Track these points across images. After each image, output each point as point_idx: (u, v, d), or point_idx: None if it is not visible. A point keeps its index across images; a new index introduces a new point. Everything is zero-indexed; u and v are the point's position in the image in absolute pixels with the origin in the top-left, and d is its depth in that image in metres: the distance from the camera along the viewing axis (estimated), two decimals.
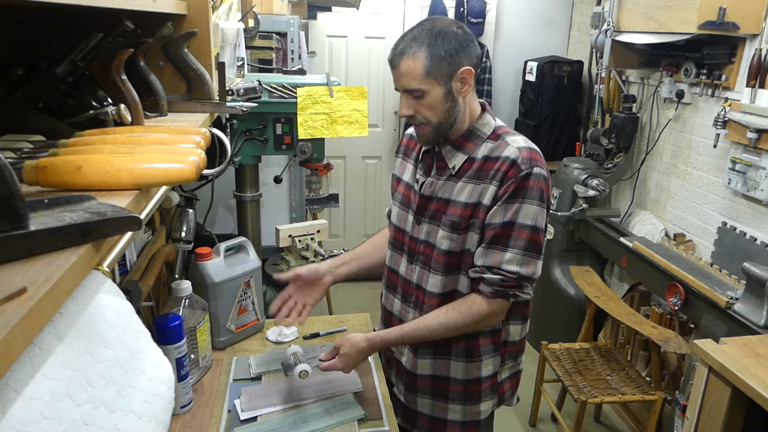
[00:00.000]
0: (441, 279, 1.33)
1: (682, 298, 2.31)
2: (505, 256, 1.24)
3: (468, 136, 1.30)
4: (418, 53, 1.19)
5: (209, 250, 1.59)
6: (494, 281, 1.25)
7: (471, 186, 1.27)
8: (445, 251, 1.31)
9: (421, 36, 1.19)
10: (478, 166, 1.27)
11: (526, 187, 1.21)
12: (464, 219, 1.27)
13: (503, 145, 1.26)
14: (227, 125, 1.61)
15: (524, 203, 1.22)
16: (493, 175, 1.24)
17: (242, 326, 1.67)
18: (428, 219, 1.33)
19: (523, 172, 1.21)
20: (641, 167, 3.18)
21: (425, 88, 1.21)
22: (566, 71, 3.69)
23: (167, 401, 0.91)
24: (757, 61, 2.31)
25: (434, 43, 1.18)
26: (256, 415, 1.35)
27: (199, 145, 0.81)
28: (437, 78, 1.20)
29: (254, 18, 1.87)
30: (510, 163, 1.22)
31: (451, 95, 1.23)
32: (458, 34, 1.21)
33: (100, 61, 0.85)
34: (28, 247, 0.49)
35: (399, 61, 1.21)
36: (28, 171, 0.63)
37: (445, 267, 1.32)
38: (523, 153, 1.23)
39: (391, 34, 3.98)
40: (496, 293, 1.26)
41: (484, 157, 1.27)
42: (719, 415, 1.70)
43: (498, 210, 1.23)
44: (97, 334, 0.69)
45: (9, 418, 0.50)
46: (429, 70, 1.19)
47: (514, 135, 1.30)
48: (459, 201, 1.28)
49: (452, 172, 1.30)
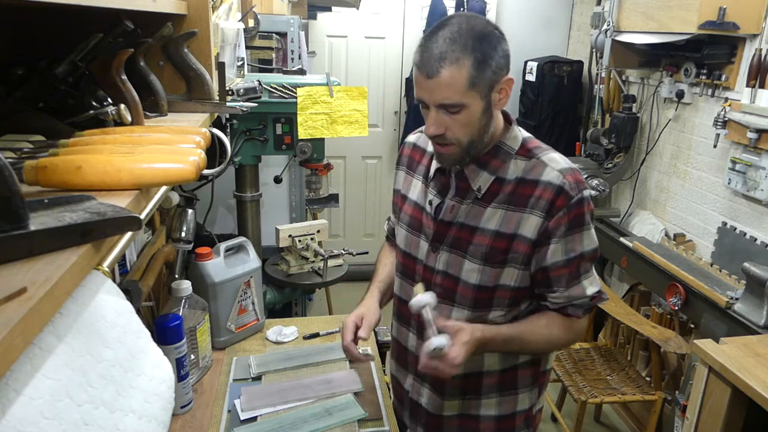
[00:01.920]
0: (467, 314, 1.16)
1: (682, 298, 2.31)
2: (584, 284, 1.14)
3: (494, 153, 1.12)
4: (462, 60, 0.98)
5: (209, 250, 1.59)
6: (584, 304, 1.16)
7: (503, 212, 1.10)
8: (474, 285, 1.14)
9: (462, 38, 0.99)
10: (510, 190, 1.10)
11: (580, 215, 1.08)
12: (498, 251, 1.11)
13: (540, 166, 1.09)
14: (227, 125, 1.61)
15: (583, 231, 1.10)
16: (534, 204, 1.08)
17: (242, 326, 1.67)
18: (448, 247, 1.16)
19: (573, 199, 1.06)
20: (641, 167, 3.18)
21: (466, 102, 1.01)
22: (566, 71, 3.69)
23: (167, 401, 0.91)
24: (757, 61, 2.31)
25: (479, 47, 0.99)
26: (256, 415, 1.35)
27: (199, 145, 0.81)
28: (479, 90, 1.01)
29: (254, 18, 1.87)
30: (556, 190, 1.06)
31: (489, 110, 1.05)
32: (498, 36, 1.03)
33: (100, 61, 0.85)
34: (28, 247, 0.49)
35: (439, 68, 0.99)
36: (28, 171, 0.63)
37: (473, 302, 1.15)
38: (568, 177, 1.07)
39: (391, 34, 3.98)
40: (586, 311, 1.18)
41: (518, 179, 1.10)
42: (719, 415, 1.69)
43: (559, 247, 1.09)
44: (97, 334, 0.69)
45: (9, 418, 0.50)
46: (474, 81, 0.99)
47: (548, 151, 1.13)
48: (488, 229, 1.11)
49: (478, 195, 1.12)
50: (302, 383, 1.46)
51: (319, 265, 2.07)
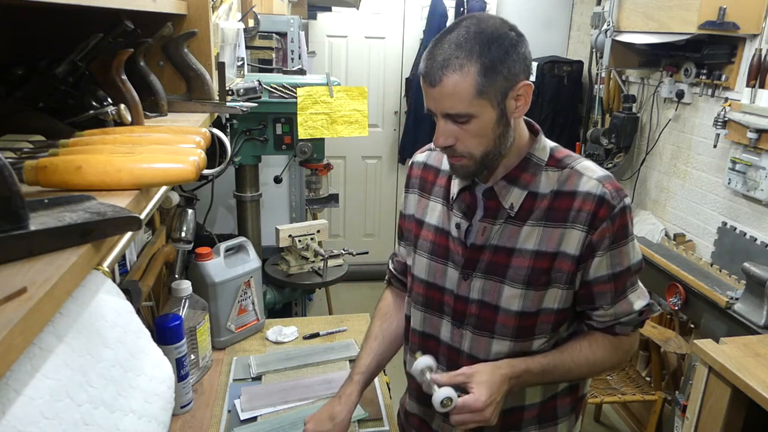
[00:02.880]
0: (509, 345, 1.06)
1: (682, 298, 2.31)
2: (631, 299, 1.06)
3: (524, 166, 1.03)
4: (467, 66, 0.91)
5: (209, 250, 1.59)
6: (633, 321, 1.08)
7: (541, 230, 1.01)
8: (517, 313, 1.04)
9: (468, 41, 0.92)
10: (547, 205, 1.01)
11: (624, 225, 1.01)
12: (541, 272, 1.02)
13: (575, 176, 1.02)
14: (227, 125, 1.61)
15: (629, 242, 1.02)
16: (575, 217, 1.00)
17: (242, 326, 1.67)
18: (483, 273, 1.06)
19: (616, 209, 0.99)
20: (641, 167, 3.18)
21: (475, 112, 0.94)
22: (566, 71, 3.69)
23: (167, 401, 0.91)
24: (757, 61, 2.31)
25: (487, 52, 0.91)
26: (256, 415, 1.35)
27: (199, 145, 0.80)
28: (490, 98, 0.93)
29: (254, 18, 1.87)
30: (597, 201, 0.99)
31: (504, 118, 0.97)
32: (512, 38, 0.95)
33: (100, 61, 0.85)
34: (28, 247, 0.49)
35: (441, 76, 0.92)
36: (28, 171, 0.63)
37: (516, 331, 1.05)
38: (607, 185, 1.00)
39: (391, 34, 3.98)
40: (636, 327, 1.10)
41: (554, 192, 1.02)
42: (719, 415, 1.70)
43: (603, 261, 1.01)
44: (97, 334, 0.69)
45: (9, 418, 0.50)
46: (482, 88, 0.92)
47: (580, 160, 1.05)
48: (527, 249, 1.02)
49: (511, 213, 1.03)
50: (302, 383, 1.46)
51: (319, 265, 2.07)
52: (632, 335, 1.11)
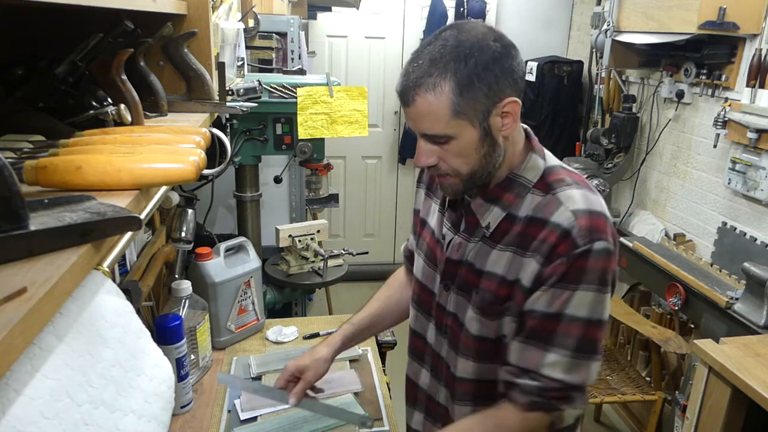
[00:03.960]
0: (474, 366, 1.02)
1: (682, 298, 2.31)
2: (548, 357, 0.92)
3: (507, 186, 0.96)
4: (441, 84, 0.84)
5: (209, 250, 1.59)
6: (531, 389, 0.93)
7: (510, 255, 0.94)
8: (475, 336, 1.00)
9: (444, 56, 0.84)
10: (520, 230, 0.93)
11: (583, 269, 0.88)
12: (498, 300, 0.95)
13: (553, 204, 0.91)
14: (227, 125, 1.61)
15: (578, 291, 0.89)
16: (537, 247, 0.91)
17: (242, 326, 1.67)
18: (457, 288, 1.02)
19: (579, 249, 0.87)
20: (641, 167, 3.18)
21: (453, 133, 0.87)
22: (566, 71, 3.69)
23: (167, 401, 0.91)
24: (757, 61, 2.31)
25: (463, 68, 0.84)
26: (256, 415, 1.35)
27: (199, 145, 0.81)
28: (470, 117, 0.86)
29: (254, 18, 1.87)
30: (562, 234, 0.89)
31: (489, 137, 0.89)
32: (496, 50, 0.86)
33: (100, 61, 0.85)
34: (28, 247, 0.49)
35: (414, 96, 0.86)
36: (28, 171, 0.63)
37: (476, 354, 1.01)
38: (581, 220, 0.88)
39: (391, 34, 3.98)
40: (534, 405, 0.94)
41: (528, 218, 0.93)
42: (719, 415, 1.70)
43: (543, 296, 0.91)
44: (97, 334, 0.69)
45: (9, 418, 0.50)
46: (458, 108, 0.85)
47: (569, 187, 0.93)
48: (495, 274, 0.95)
49: (486, 233, 0.97)
50: None
51: (319, 265, 2.07)
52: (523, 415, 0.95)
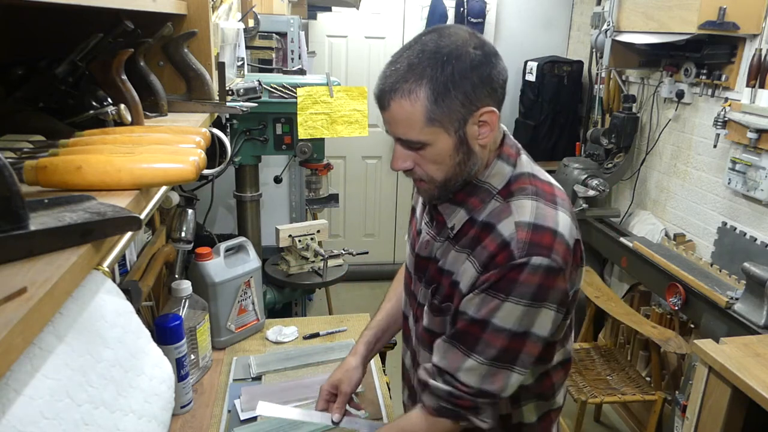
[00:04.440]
0: (426, 358, 1.04)
1: (682, 298, 2.31)
2: (467, 362, 0.92)
3: (472, 191, 0.95)
4: (416, 91, 0.83)
5: (209, 250, 1.59)
6: (441, 393, 0.94)
7: (464, 257, 0.95)
8: (425, 328, 1.03)
9: (422, 62, 0.84)
10: (474, 234, 0.94)
11: (515, 281, 0.87)
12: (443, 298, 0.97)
13: (505, 212, 0.91)
14: (227, 125, 1.61)
15: (507, 302, 0.88)
16: (479, 253, 0.91)
17: (242, 326, 1.67)
18: (426, 282, 1.04)
19: (514, 261, 0.86)
20: (641, 167, 3.18)
21: (427, 140, 0.87)
22: (566, 71, 3.69)
23: (167, 401, 0.91)
24: (757, 61, 2.31)
25: (439, 75, 0.83)
26: (256, 415, 1.35)
27: (199, 145, 0.81)
28: (445, 125, 0.86)
29: (254, 18, 1.87)
30: (501, 245, 0.88)
31: (464, 145, 0.88)
32: (475, 58, 0.85)
33: (100, 61, 0.85)
34: (28, 247, 0.49)
35: (389, 101, 0.86)
36: (28, 171, 0.63)
37: (428, 347, 1.03)
38: (521, 233, 0.88)
39: (391, 34, 3.98)
40: (441, 411, 0.95)
41: (483, 222, 0.93)
42: (719, 415, 1.70)
43: (474, 300, 0.91)
44: (97, 334, 0.69)
45: (9, 418, 0.50)
46: (432, 116, 0.84)
47: (526, 196, 0.92)
48: (451, 273, 0.97)
49: (450, 234, 0.97)
50: (302, 383, 1.46)
51: (319, 265, 2.07)
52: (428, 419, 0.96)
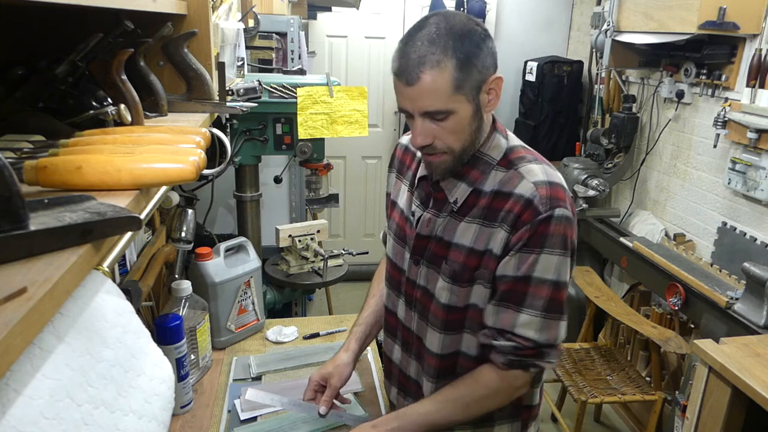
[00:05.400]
0: (440, 337, 1.09)
1: (682, 298, 2.31)
2: (520, 318, 1.00)
3: (473, 163, 1.04)
4: (444, 62, 0.90)
5: (209, 250, 1.59)
6: (507, 349, 1.01)
7: (477, 227, 1.02)
8: (444, 305, 1.07)
9: (441, 37, 0.91)
10: (486, 203, 1.02)
11: (545, 234, 0.97)
12: (468, 269, 1.03)
13: (516, 178, 1.00)
14: (227, 125, 1.61)
15: (543, 254, 0.97)
16: (504, 217, 0.99)
17: (242, 326, 1.67)
18: (427, 262, 1.09)
19: (541, 215, 0.96)
20: (641, 167, 3.18)
21: (453, 108, 0.94)
22: (566, 71, 3.69)
23: (167, 401, 0.91)
24: (757, 61, 2.31)
25: (461, 47, 0.91)
26: (256, 415, 1.35)
27: (199, 145, 0.81)
28: (466, 92, 0.93)
29: (254, 18, 1.87)
30: (524, 203, 0.97)
31: (479, 113, 0.97)
32: (481, 33, 0.95)
33: (100, 61, 0.85)
34: (28, 247, 0.49)
35: (419, 73, 0.91)
36: (28, 171, 0.63)
37: (444, 324, 1.08)
38: (541, 190, 0.97)
39: (391, 34, 3.98)
40: (512, 363, 1.02)
41: (494, 192, 1.01)
42: (719, 415, 1.70)
43: (511, 261, 0.99)
44: (97, 334, 0.69)
45: (9, 418, 0.50)
46: (459, 83, 0.92)
47: (529, 162, 1.03)
48: (463, 245, 1.03)
49: (454, 207, 1.04)
50: (302, 383, 1.46)
51: (319, 265, 2.07)
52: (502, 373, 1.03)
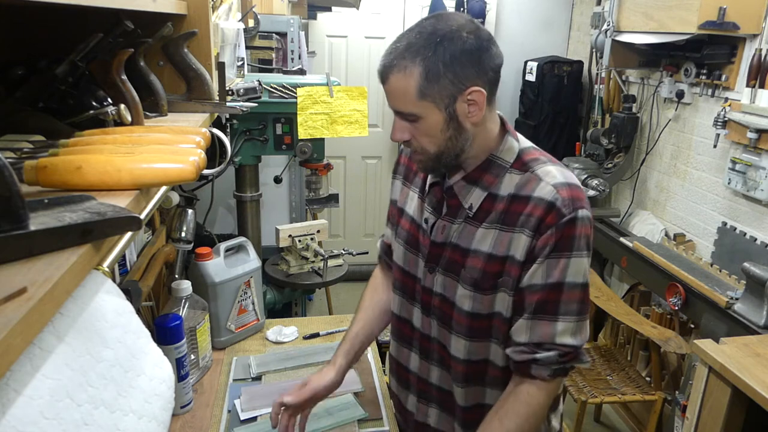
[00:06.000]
0: (466, 344, 1.07)
1: (682, 298, 2.31)
2: (558, 327, 0.99)
3: (486, 167, 1.03)
4: (410, 68, 0.93)
5: (209, 250, 1.59)
6: (551, 359, 0.99)
7: (496, 233, 1.00)
8: (468, 313, 1.05)
9: (419, 43, 0.93)
10: (503, 208, 1.00)
11: (572, 236, 0.96)
12: (490, 276, 1.01)
13: (534, 181, 0.99)
14: (227, 125, 1.61)
15: (572, 257, 0.96)
16: (524, 222, 0.97)
17: (242, 326, 1.67)
18: (443, 270, 1.08)
19: (566, 218, 0.95)
20: (641, 167, 3.18)
21: (419, 113, 0.96)
22: (566, 71, 3.69)
23: (167, 401, 0.91)
24: (757, 61, 2.31)
25: (433, 55, 0.92)
26: (256, 415, 1.35)
27: (199, 145, 0.81)
28: (435, 100, 0.94)
29: (254, 18, 1.87)
30: (547, 206, 0.96)
31: (454, 121, 0.96)
32: (468, 42, 0.92)
33: (100, 61, 0.85)
34: (28, 247, 0.49)
35: (387, 75, 0.97)
36: (28, 171, 0.63)
37: (469, 331, 1.06)
38: (563, 192, 0.96)
39: (391, 34, 3.98)
40: (555, 372, 1.00)
41: (511, 195, 1.00)
42: (719, 415, 1.70)
43: (539, 269, 0.97)
44: (97, 334, 0.69)
45: (9, 418, 0.50)
46: (424, 91, 0.93)
47: (545, 164, 1.02)
48: (482, 251, 1.02)
49: (469, 213, 1.03)
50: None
51: (319, 265, 2.07)
52: (549, 384, 1.01)
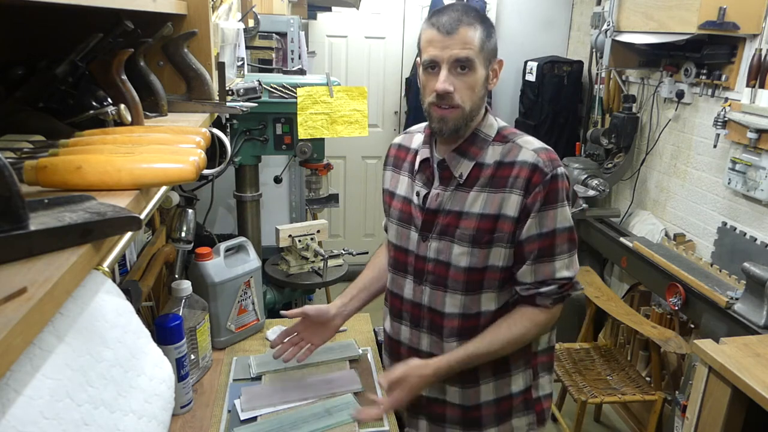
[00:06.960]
0: (461, 299, 1.22)
1: (682, 298, 2.31)
2: (555, 265, 1.18)
3: (472, 140, 1.20)
4: (476, 25, 1.11)
5: (209, 250, 1.59)
6: (552, 292, 1.19)
7: (485, 195, 1.18)
8: (465, 268, 1.20)
9: (472, 12, 1.13)
10: (490, 173, 1.18)
11: (556, 190, 1.14)
12: (484, 232, 1.17)
13: (516, 149, 1.18)
14: (227, 125, 1.61)
15: (558, 208, 1.15)
16: (513, 183, 1.15)
17: (242, 326, 1.67)
18: (437, 235, 1.22)
19: (548, 176, 1.14)
20: (641, 167, 3.18)
21: (476, 63, 1.12)
22: (566, 71, 3.69)
23: (167, 401, 0.91)
24: (757, 61, 2.31)
25: (485, 22, 1.14)
26: (256, 415, 1.35)
27: (199, 145, 0.81)
28: (485, 57, 1.14)
29: (254, 18, 1.87)
30: (531, 168, 1.14)
31: (486, 82, 1.17)
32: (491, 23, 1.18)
33: (100, 61, 0.85)
34: (28, 247, 0.49)
35: (457, 26, 1.10)
36: (28, 171, 0.63)
37: (465, 285, 1.21)
38: (542, 155, 1.16)
39: (391, 34, 3.99)
40: (556, 301, 1.21)
41: (497, 162, 1.18)
42: (719, 415, 1.70)
43: (533, 222, 1.15)
44: (97, 334, 0.69)
45: (9, 418, 0.50)
46: (482, 45, 1.12)
47: (522, 135, 1.22)
48: (473, 212, 1.18)
49: (460, 181, 1.20)
50: (302, 383, 1.46)
51: (319, 265, 2.07)
52: (551, 309, 1.22)
